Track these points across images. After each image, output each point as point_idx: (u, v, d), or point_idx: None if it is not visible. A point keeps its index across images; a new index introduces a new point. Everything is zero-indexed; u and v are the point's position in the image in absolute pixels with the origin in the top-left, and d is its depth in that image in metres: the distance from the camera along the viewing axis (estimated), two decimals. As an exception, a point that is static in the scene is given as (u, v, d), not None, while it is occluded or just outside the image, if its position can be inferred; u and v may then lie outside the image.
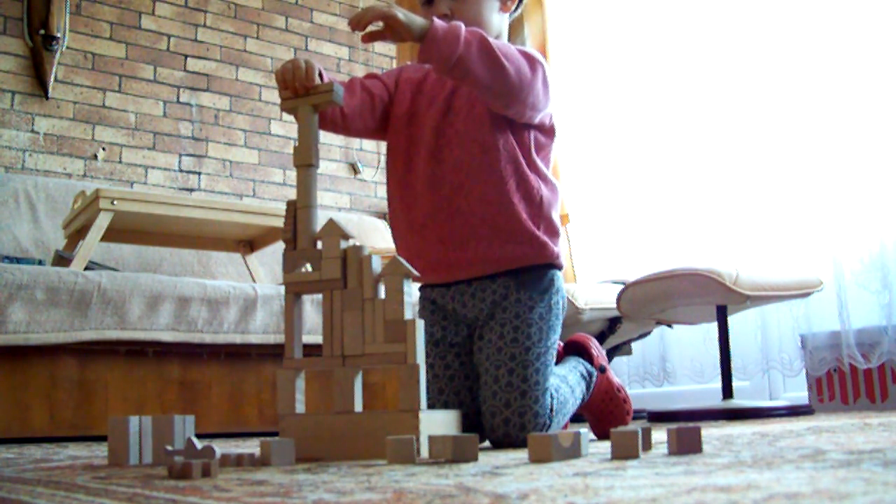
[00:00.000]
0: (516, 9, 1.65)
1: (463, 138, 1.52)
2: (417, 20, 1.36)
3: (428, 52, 1.36)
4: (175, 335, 2.54)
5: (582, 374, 1.63)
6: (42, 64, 3.45)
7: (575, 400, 1.58)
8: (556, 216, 1.57)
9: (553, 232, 1.56)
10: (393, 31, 1.36)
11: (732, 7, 3.36)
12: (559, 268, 1.58)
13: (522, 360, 1.46)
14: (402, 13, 1.35)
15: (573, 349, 1.72)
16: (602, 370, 1.68)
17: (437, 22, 1.37)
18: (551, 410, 1.47)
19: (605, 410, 1.67)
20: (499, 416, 1.44)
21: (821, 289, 2.74)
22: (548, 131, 1.59)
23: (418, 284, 1.65)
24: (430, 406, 1.53)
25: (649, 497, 0.57)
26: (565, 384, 1.55)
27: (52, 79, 3.47)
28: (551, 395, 1.48)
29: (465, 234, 1.51)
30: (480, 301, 1.54)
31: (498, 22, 1.61)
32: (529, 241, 1.52)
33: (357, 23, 1.36)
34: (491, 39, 1.41)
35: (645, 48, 3.69)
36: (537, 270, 1.55)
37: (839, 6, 3.02)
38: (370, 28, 1.37)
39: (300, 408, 1.27)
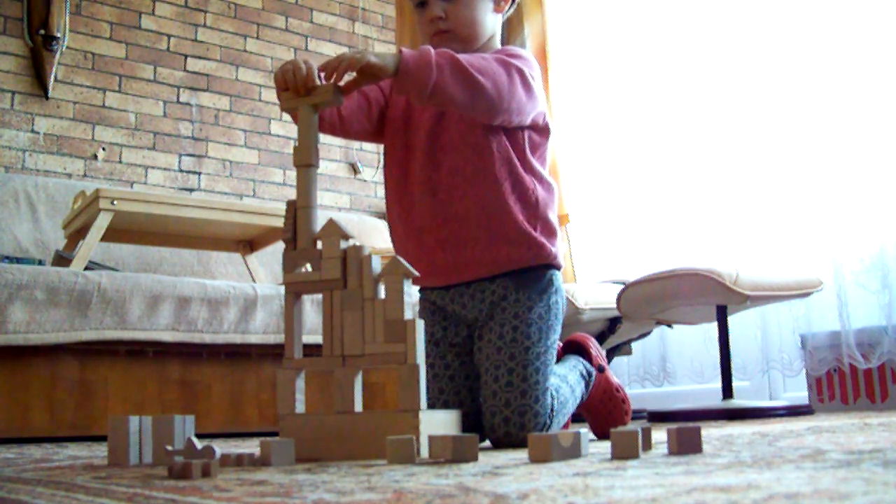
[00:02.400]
0: (510, 8, 1.64)
1: (457, 143, 1.52)
2: (389, 57, 1.36)
3: (402, 84, 1.36)
4: (175, 335, 2.54)
5: (581, 374, 1.63)
6: (42, 64, 3.45)
7: (575, 400, 1.58)
8: (552, 216, 1.57)
9: (550, 232, 1.56)
10: (368, 75, 1.36)
11: (732, 7, 3.36)
12: (558, 268, 1.58)
13: (522, 360, 1.47)
14: (373, 56, 1.34)
15: (572, 348, 1.72)
16: (601, 370, 1.68)
17: (407, 53, 1.36)
18: (551, 410, 1.47)
19: (603, 410, 1.67)
20: (499, 415, 1.44)
21: (821, 289, 2.74)
22: (541, 131, 1.58)
23: (418, 286, 1.65)
24: (430, 406, 1.53)
25: (649, 497, 0.57)
26: (565, 384, 1.55)
27: (52, 79, 3.47)
28: (552, 395, 1.48)
29: (463, 237, 1.51)
30: (480, 302, 1.54)
31: (492, 22, 1.60)
32: (527, 243, 1.52)
33: (331, 72, 1.35)
34: (463, 57, 1.40)
35: (645, 48, 3.69)
36: (536, 271, 1.55)
37: (839, 6, 3.02)
38: (346, 78, 1.37)
39: (300, 408, 1.27)
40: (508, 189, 1.51)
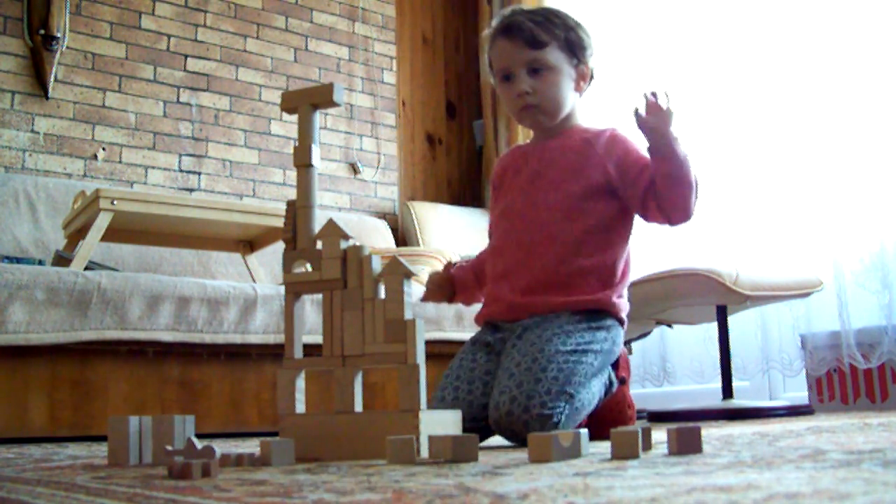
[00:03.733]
0: (587, 87, 1.75)
1: (549, 202, 1.63)
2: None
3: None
4: (175, 335, 2.53)
5: (604, 384, 1.62)
6: (42, 64, 3.45)
7: (591, 408, 1.57)
8: (624, 287, 1.66)
9: (620, 296, 1.64)
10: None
11: (733, 8, 3.36)
12: (621, 323, 1.64)
13: (549, 356, 1.47)
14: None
15: None
16: (622, 381, 1.67)
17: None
18: (562, 413, 1.45)
19: (609, 420, 1.64)
20: (507, 393, 1.44)
21: (821, 289, 2.74)
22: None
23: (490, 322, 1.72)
24: (440, 395, 1.54)
25: (649, 497, 0.57)
26: (588, 392, 1.54)
27: (52, 79, 3.47)
28: (566, 400, 1.46)
29: (537, 285, 1.61)
30: (540, 319, 1.60)
31: (572, 101, 1.69)
32: (597, 302, 1.60)
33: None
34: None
35: (644, 49, 3.69)
36: (601, 313, 1.60)
37: (839, 8, 3.02)
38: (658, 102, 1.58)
39: (300, 408, 1.27)
40: (587, 252, 1.60)
